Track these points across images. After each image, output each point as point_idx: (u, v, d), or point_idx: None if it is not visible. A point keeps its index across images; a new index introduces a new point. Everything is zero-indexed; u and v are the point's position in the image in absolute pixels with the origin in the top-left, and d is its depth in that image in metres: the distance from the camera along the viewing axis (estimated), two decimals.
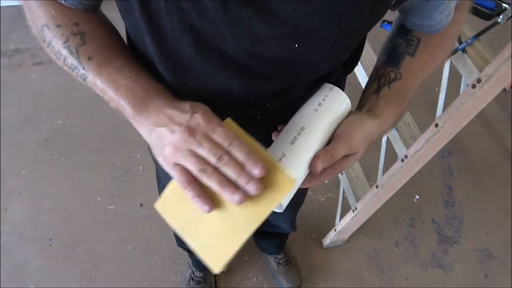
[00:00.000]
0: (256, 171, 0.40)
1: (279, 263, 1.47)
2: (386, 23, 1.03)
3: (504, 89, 2.14)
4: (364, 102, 0.56)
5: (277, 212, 0.49)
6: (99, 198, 1.68)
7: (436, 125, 0.92)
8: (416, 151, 0.99)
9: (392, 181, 1.11)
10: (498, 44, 0.93)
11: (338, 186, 1.63)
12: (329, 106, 0.52)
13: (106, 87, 0.48)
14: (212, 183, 0.40)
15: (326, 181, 1.78)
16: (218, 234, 0.43)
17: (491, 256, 1.63)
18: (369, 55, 1.26)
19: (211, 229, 0.43)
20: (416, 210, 1.74)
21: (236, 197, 0.40)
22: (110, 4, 0.52)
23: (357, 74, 1.26)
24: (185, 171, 0.42)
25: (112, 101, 0.49)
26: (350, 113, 0.54)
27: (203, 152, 0.41)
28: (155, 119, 0.45)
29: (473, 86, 0.81)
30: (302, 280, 1.50)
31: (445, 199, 1.78)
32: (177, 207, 0.45)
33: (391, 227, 1.68)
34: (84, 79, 0.49)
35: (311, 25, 0.43)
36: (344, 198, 1.44)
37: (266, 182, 0.41)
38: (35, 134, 1.87)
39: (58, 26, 0.48)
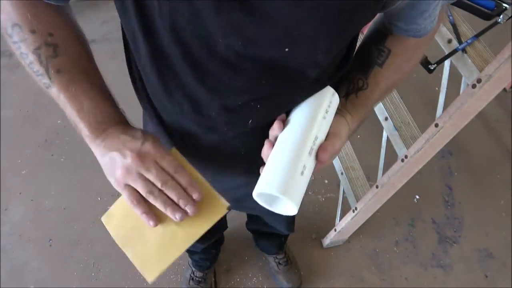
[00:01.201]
0: (195, 196, 0.49)
1: (279, 263, 1.47)
2: None
3: (504, 89, 2.14)
4: None
5: (273, 215, 0.52)
6: (99, 198, 1.68)
7: (436, 125, 0.92)
8: (416, 151, 0.99)
9: (392, 181, 1.11)
10: (498, 44, 0.93)
11: (338, 186, 1.64)
12: (333, 112, 0.55)
13: (69, 105, 0.51)
14: (157, 204, 0.48)
15: (326, 181, 1.78)
16: (156, 248, 0.51)
17: (491, 256, 1.63)
18: None
19: (149, 244, 0.51)
20: (416, 210, 1.74)
21: (177, 215, 0.48)
22: (110, 4, 0.53)
23: None
24: (135, 191, 0.49)
25: (71, 118, 0.52)
26: (335, 113, 0.56)
27: (151, 176, 0.48)
28: (109, 144, 0.50)
29: (473, 86, 0.81)
30: (302, 280, 1.50)
31: (445, 199, 1.78)
32: (120, 222, 0.54)
33: (391, 227, 1.68)
34: (47, 87, 0.51)
35: (303, 30, 0.43)
36: (344, 198, 1.44)
37: (204, 206, 0.50)
38: (35, 134, 1.87)
39: (32, 32, 0.48)
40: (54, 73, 0.50)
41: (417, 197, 1.77)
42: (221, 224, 1.20)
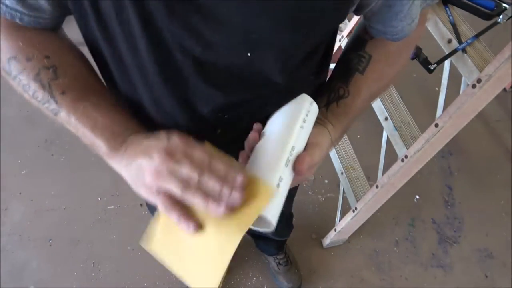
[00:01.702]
0: (239, 179, 0.40)
1: (279, 264, 1.47)
2: None
3: (504, 89, 2.14)
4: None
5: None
6: (99, 198, 1.68)
7: (436, 125, 0.92)
8: (416, 151, 0.99)
9: (392, 181, 1.11)
10: (498, 44, 0.93)
11: (338, 186, 1.63)
12: (311, 121, 0.52)
13: (81, 125, 0.47)
14: (197, 199, 0.40)
15: (326, 181, 1.78)
16: (208, 255, 0.43)
17: (491, 256, 1.63)
18: None
19: (200, 252, 0.43)
20: (416, 210, 1.74)
21: (221, 208, 0.39)
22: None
23: None
24: (169, 196, 0.41)
25: (86, 138, 0.48)
26: (316, 123, 0.53)
27: (185, 169, 0.40)
28: (132, 153, 0.45)
29: (473, 86, 0.81)
30: (302, 280, 1.50)
31: (445, 199, 1.78)
32: (162, 240, 0.45)
33: (391, 227, 1.68)
34: (56, 114, 0.48)
35: (264, 34, 0.42)
36: (344, 198, 1.44)
37: (247, 194, 0.41)
38: (35, 134, 1.87)
39: (28, 59, 0.47)
40: (59, 96, 0.47)
41: (417, 197, 1.77)
42: None
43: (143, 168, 0.42)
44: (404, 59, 0.58)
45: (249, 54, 0.44)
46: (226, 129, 0.55)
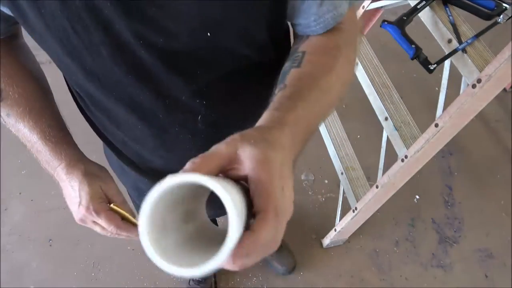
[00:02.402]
0: (114, 230, 0.57)
1: None
2: (386, 23, 1.03)
3: (504, 89, 2.14)
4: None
5: None
6: None
7: (436, 125, 0.92)
8: (416, 151, 0.99)
9: (392, 181, 1.11)
10: (498, 44, 0.93)
11: (338, 186, 1.63)
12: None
13: (24, 142, 0.57)
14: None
15: (326, 181, 1.78)
16: None
17: (491, 256, 1.63)
18: (369, 54, 1.26)
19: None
20: (416, 210, 1.74)
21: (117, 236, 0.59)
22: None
23: (357, 74, 1.26)
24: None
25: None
26: (245, 150, 0.32)
27: (98, 228, 0.58)
28: (62, 185, 0.59)
29: (473, 86, 0.81)
30: (296, 262, 1.53)
31: (445, 199, 1.78)
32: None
33: (391, 227, 1.68)
34: (7, 127, 0.56)
35: (218, 17, 0.43)
36: (344, 198, 1.44)
37: None
38: None
39: None
40: (5, 117, 0.54)
41: (417, 197, 1.77)
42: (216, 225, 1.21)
43: (72, 208, 0.58)
44: (346, 52, 0.50)
45: (209, 34, 0.44)
46: (207, 114, 0.54)
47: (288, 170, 0.33)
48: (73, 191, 0.56)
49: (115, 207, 0.56)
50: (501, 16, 0.89)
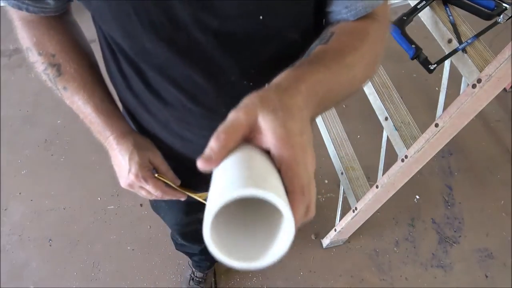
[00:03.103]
0: (159, 194, 0.65)
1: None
2: None
3: (504, 89, 2.14)
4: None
5: None
6: (99, 198, 1.68)
7: (436, 125, 0.92)
8: (416, 151, 0.99)
9: (392, 181, 1.11)
10: (498, 44, 0.93)
11: (338, 186, 1.63)
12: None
13: (78, 113, 0.62)
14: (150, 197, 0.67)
15: (326, 181, 1.78)
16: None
17: (491, 256, 1.63)
18: None
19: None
20: (416, 210, 1.74)
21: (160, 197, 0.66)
22: None
23: None
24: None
25: (89, 125, 0.63)
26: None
27: (143, 191, 0.65)
28: (111, 154, 0.64)
29: (473, 86, 0.81)
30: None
31: (445, 199, 1.78)
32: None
33: (391, 227, 1.68)
34: (62, 99, 0.61)
35: (272, 1, 0.45)
36: (344, 198, 1.44)
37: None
38: (35, 134, 1.87)
39: (39, 54, 0.57)
40: (62, 90, 0.59)
41: (417, 197, 1.77)
42: None
43: (121, 174, 0.63)
44: (374, 38, 0.51)
45: (261, 18, 0.46)
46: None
47: (308, 138, 0.33)
48: (123, 160, 0.61)
49: (160, 176, 0.63)
50: (501, 16, 0.89)
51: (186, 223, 0.97)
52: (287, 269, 1.55)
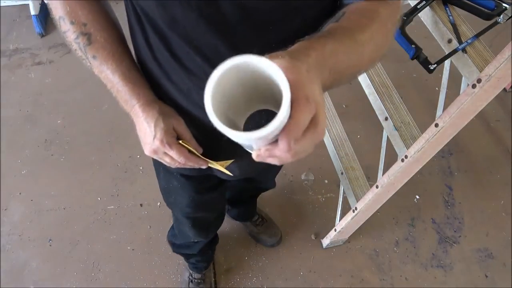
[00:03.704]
0: (183, 161, 0.64)
1: (257, 224, 1.57)
2: None
3: (504, 89, 2.14)
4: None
5: (265, 173, 0.49)
6: (99, 198, 1.68)
7: (436, 125, 0.92)
8: (416, 151, 0.99)
9: (392, 181, 1.11)
10: (498, 44, 0.93)
11: (338, 186, 1.63)
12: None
13: (106, 83, 0.63)
14: (173, 164, 0.66)
15: (326, 181, 1.78)
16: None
17: (491, 256, 1.63)
18: None
19: None
20: (416, 210, 1.74)
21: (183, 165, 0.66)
22: None
23: None
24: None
25: (115, 93, 0.63)
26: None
27: (166, 158, 0.65)
28: (136, 121, 0.64)
29: (473, 86, 0.81)
30: (281, 232, 1.59)
31: (445, 199, 1.78)
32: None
33: (391, 227, 1.68)
34: (91, 68, 0.62)
35: None
36: (344, 198, 1.44)
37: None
38: (35, 134, 1.87)
39: (72, 23, 0.59)
40: (91, 58, 0.60)
41: (417, 197, 1.77)
42: (216, 223, 1.22)
43: (146, 141, 0.64)
44: (384, 19, 0.52)
45: None
46: None
47: (315, 75, 0.37)
48: (148, 127, 0.62)
49: (183, 143, 0.64)
50: (501, 16, 0.89)
51: (197, 204, 0.97)
52: (287, 269, 1.55)
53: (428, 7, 0.98)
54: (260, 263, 1.56)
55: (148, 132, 0.62)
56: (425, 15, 0.99)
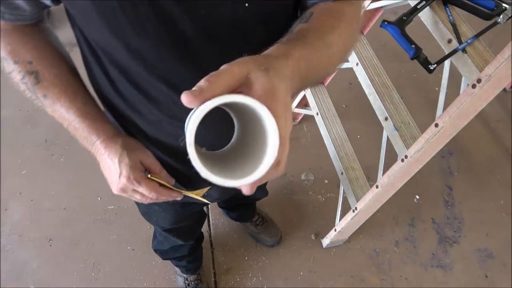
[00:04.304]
0: (154, 196, 0.61)
1: (257, 224, 1.57)
2: (386, 23, 1.03)
3: (504, 89, 2.14)
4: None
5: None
6: (99, 198, 1.68)
7: (436, 125, 0.92)
8: (416, 151, 0.99)
9: (392, 181, 1.11)
10: (498, 44, 0.93)
11: (338, 186, 1.63)
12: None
13: (62, 122, 0.59)
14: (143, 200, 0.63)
15: (326, 181, 1.78)
16: None
17: (491, 256, 1.63)
18: (369, 54, 1.26)
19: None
20: (416, 210, 1.74)
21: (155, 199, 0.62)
22: None
23: (357, 74, 1.26)
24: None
25: (74, 131, 0.60)
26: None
27: (136, 195, 0.61)
28: (99, 159, 0.60)
29: (473, 86, 0.81)
30: (281, 232, 1.59)
31: (445, 199, 1.78)
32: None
33: (391, 227, 1.68)
34: (44, 108, 0.58)
35: None
36: (344, 198, 1.44)
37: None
38: (35, 134, 1.87)
39: (15, 62, 0.54)
40: (42, 98, 0.56)
41: (417, 197, 1.77)
42: (200, 223, 1.21)
43: (112, 179, 0.60)
44: (350, 18, 0.52)
45: (246, 5, 0.47)
46: None
47: (290, 100, 0.37)
48: (113, 164, 0.58)
49: (153, 177, 0.61)
50: (501, 16, 0.89)
51: (181, 219, 0.94)
52: (287, 269, 1.55)
53: (428, 7, 0.98)
54: (260, 263, 1.56)
55: (113, 169, 0.58)
56: (425, 15, 0.99)
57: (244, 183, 0.33)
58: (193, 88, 0.32)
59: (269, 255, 1.58)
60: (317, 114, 1.55)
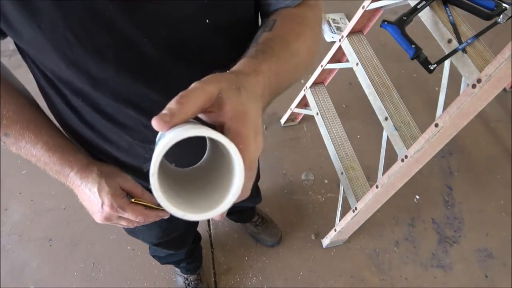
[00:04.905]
0: (140, 219, 0.57)
1: (257, 225, 1.57)
2: (386, 23, 1.03)
3: (504, 89, 2.14)
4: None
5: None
6: None
7: (436, 125, 0.92)
8: (416, 151, 0.99)
9: (392, 181, 1.11)
10: (498, 44, 0.93)
11: (338, 186, 1.64)
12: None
13: (29, 158, 0.55)
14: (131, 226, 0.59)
15: (326, 181, 1.78)
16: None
17: (491, 256, 1.63)
18: (369, 54, 1.26)
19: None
20: (416, 210, 1.74)
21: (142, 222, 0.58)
22: None
23: (357, 74, 1.26)
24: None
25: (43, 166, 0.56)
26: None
27: (122, 221, 0.57)
28: (76, 191, 0.56)
29: (473, 86, 0.81)
30: (281, 232, 1.59)
31: (445, 199, 1.78)
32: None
33: (391, 227, 1.68)
34: (8, 148, 0.54)
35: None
36: (344, 198, 1.44)
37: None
38: None
39: None
40: (3, 137, 0.52)
41: (417, 197, 1.77)
42: (193, 229, 1.20)
43: (94, 210, 0.56)
44: (312, 22, 0.53)
45: (207, 21, 0.46)
46: None
47: (260, 120, 0.36)
48: (92, 194, 0.54)
49: (137, 201, 0.58)
50: (501, 16, 0.89)
51: (168, 232, 0.92)
52: (287, 269, 1.55)
53: (428, 7, 0.98)
54: (260, 263, 1.56)
55: (94, 199, 0.54)
56: (425, 15, 0.99)
57: (204, 217, 0.32)
58: (163, 111, 0.30)
59: (269, 255, 1.58)
60: (317, 114, 1.55)
